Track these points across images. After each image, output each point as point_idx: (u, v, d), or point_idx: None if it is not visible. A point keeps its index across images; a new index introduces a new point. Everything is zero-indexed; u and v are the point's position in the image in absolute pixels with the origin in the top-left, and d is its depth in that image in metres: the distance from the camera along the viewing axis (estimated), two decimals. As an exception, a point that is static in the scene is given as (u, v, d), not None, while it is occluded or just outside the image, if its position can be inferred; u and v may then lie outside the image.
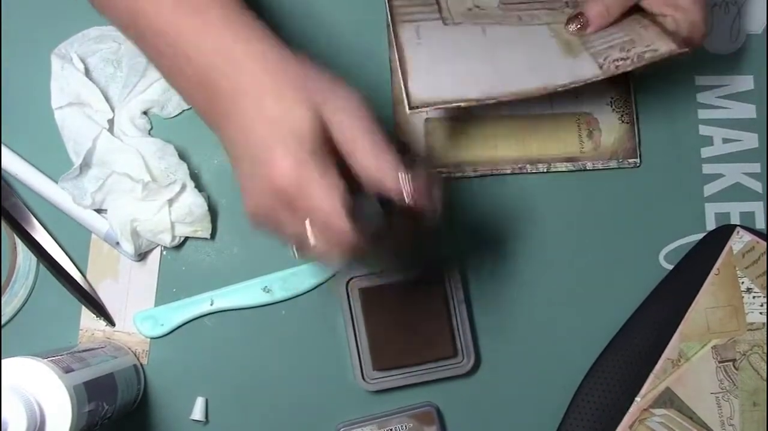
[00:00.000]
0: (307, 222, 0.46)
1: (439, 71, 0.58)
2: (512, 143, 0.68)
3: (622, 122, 0.69)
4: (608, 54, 0.59)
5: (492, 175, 0.68)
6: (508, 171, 0.68)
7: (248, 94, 0.46)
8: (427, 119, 0.67)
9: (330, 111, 0.46)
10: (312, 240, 0.46)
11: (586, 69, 0.58)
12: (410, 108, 0.55)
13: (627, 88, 0.69)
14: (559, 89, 0.57)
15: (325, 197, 0.45)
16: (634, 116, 0.69)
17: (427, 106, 0.55)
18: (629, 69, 0.58)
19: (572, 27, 0.61)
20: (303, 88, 0.46)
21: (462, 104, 0.55)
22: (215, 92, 0.47)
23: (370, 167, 0.47)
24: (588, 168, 0.68)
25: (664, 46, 0.58)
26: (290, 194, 0.45)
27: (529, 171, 0.68)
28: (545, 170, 0.68)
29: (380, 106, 0.67)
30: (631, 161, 0.68)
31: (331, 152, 0.46)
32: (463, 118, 0.68)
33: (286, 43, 0.48)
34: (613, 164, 0.68)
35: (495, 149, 0.68)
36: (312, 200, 0.45)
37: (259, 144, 0.46)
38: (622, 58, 0.58)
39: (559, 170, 0.68)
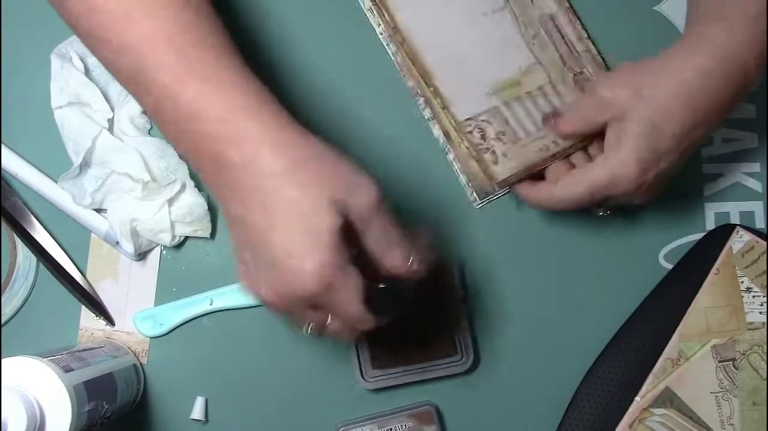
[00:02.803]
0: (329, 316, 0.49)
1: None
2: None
3: None
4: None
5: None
6: None
7: (264, 176, 0.45)
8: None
9: (352, 208, 0.47)
10: (332, 327, 0.49)
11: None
12: (499, 185, 0.63)
13: None
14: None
15: (348, 299, 0.47)
16: None
17: (509, 183, 0.63)
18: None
19: (545, 123, 0.63)
20: (325, 179, 0.46)
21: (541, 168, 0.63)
22: (222, 162, 0.46)
23: (385, 260, 0.49)
24: None
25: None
26: (315, 298, 0.46)
27: None
28: None
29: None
30: None
31: (349, 243, 0.47)
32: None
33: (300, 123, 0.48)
34: None
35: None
36: (337, 302, 0.47)
37: (280, 245, 0.45)
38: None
39: None
